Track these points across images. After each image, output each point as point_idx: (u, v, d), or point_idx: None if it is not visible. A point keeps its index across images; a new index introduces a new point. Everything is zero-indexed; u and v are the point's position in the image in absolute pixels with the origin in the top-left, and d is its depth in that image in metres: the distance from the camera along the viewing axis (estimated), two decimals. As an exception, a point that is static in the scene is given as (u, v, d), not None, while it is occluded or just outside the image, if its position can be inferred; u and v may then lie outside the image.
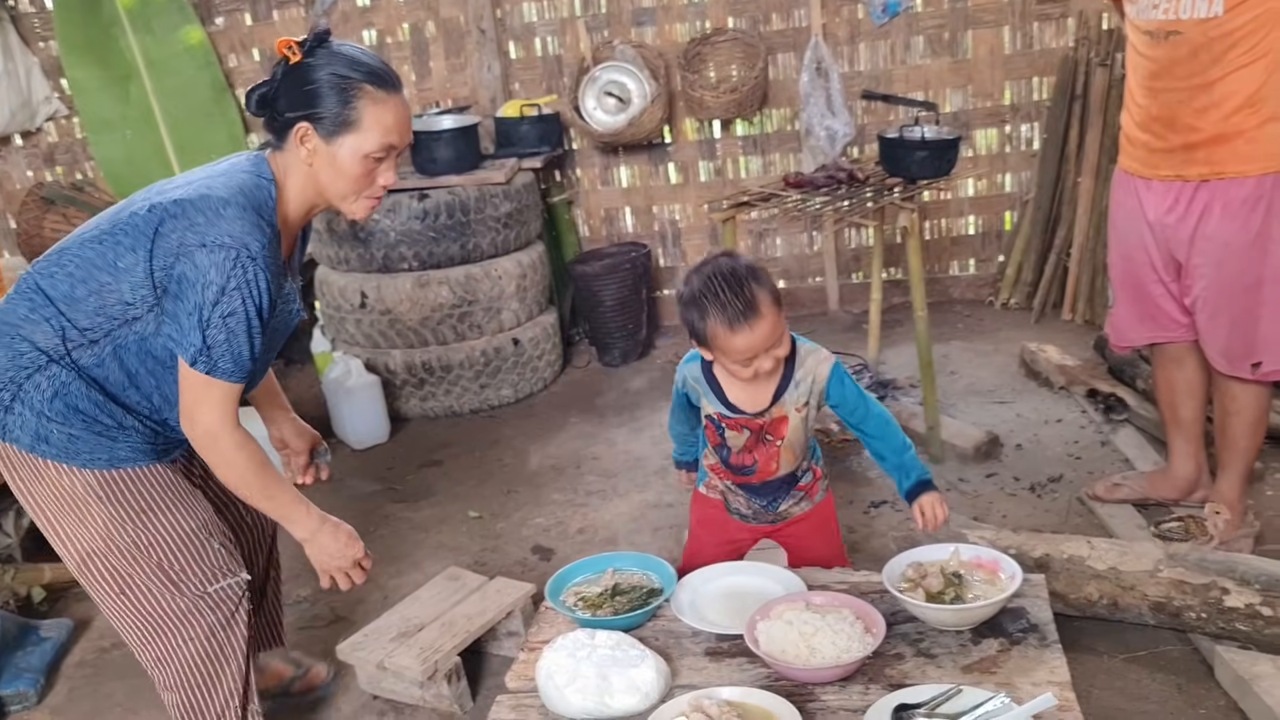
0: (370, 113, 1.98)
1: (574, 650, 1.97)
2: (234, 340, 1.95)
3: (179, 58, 5.10)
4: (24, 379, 2.01)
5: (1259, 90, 2.56)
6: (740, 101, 4.79)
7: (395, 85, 2.04)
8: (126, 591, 2.11)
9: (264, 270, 1.94)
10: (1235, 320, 2.77)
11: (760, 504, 2.44)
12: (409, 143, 2.10)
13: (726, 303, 2.08)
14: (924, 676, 1.95)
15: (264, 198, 2.01)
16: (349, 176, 2.02)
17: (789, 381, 2.26)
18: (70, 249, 2.04)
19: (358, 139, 1.99)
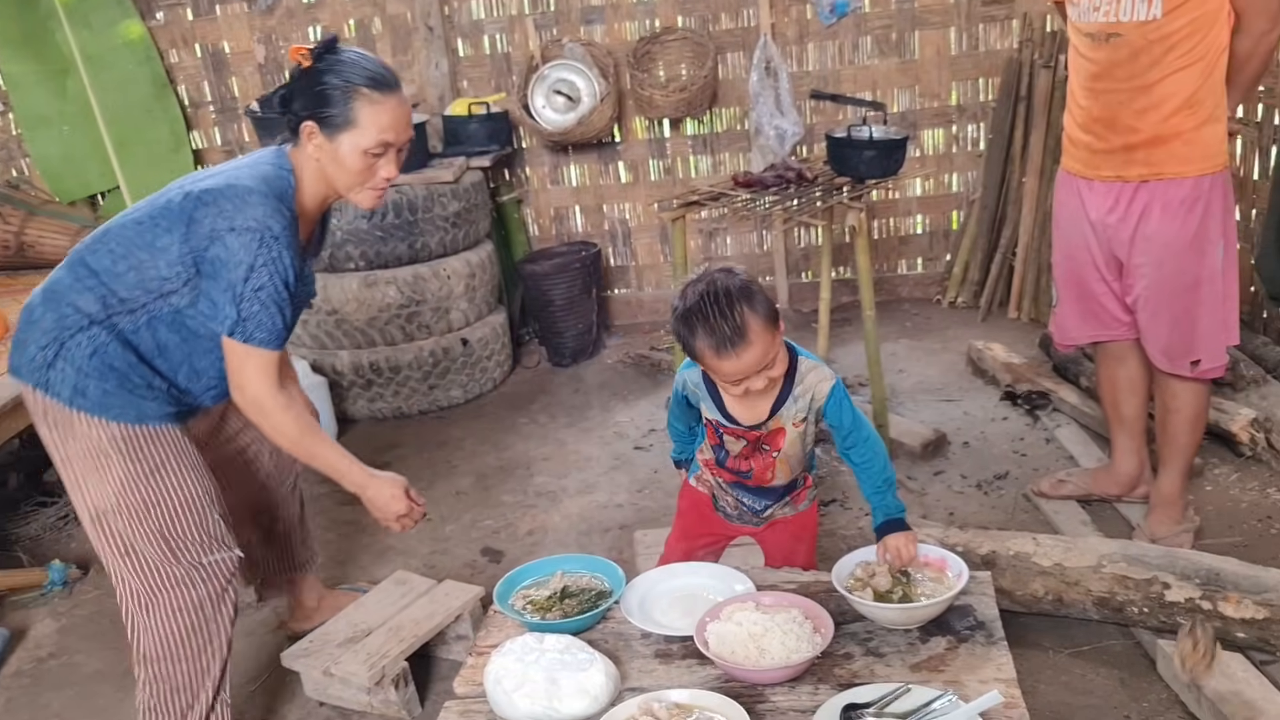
0: (366, 112, 2.17)
1: (522, 655, 1.95)
2: (266, 311, 2.16)
3: (118, 52, 4.99)
4: (67, 337, 2.21)
5: (1196, 92, 2.60)
6: (690, 101, 4.79)
7: (391, 87, 2.21)
8: (130, 554, 2.28)
9: (287, 249, 2.17)
10: (1175, 319, 2.82)
11: (750, 506, 2.42)
12: (407, 139, 2.26)
13: (714, 327, 2.04)
14: (873, 675, 1.96)
15: (284, 187, 2.22)
16: (350, 170, 2.22)
17: (787, 396, 2.23)
18: (113, 229, 2.26)
19: (356, 136, 2.18)
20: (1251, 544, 3.00)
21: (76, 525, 3.76)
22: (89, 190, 5.07)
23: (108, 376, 2.21)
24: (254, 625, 3.12)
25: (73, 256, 2.27)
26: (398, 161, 2.26)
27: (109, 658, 3.03)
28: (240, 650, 2.98)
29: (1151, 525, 3.01)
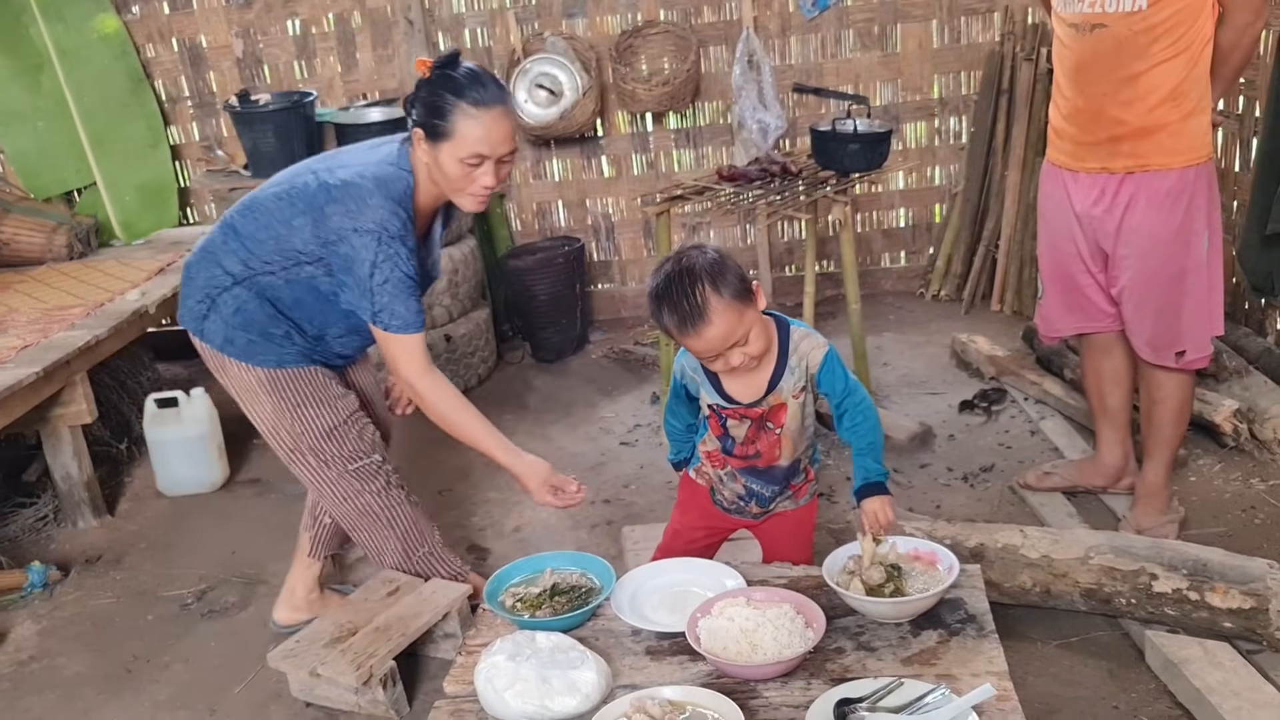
0: (462, 125, 2.33)
1: (513, 653, 1.94)
2: (396, 299, 2.41)
3: (93, 47, 4.93)
4: (216, 294, 2.58)
5: (1181, 84, 2.61)
6: (672, 94, 4.78)
7: (490, 103, 2.34)
8: (294, 461, 2.71)
9: (403, 244, 2.40)
10: (1160, 310, 2.83)
11: (758, 493, 2.39)
12: (505, 151, 2.40)
13: (675, 304, 2.09)
14: (865, 670, 1.95)
15: (402, 188, 2.44)
16: (450, 176, 2.40)
17: (784, 369, 2.24)
18: (259, 198, 2.57)
19: (453, 146, 2.35)
20: (1236, 534, 3.01)
21: (57, 526, 3.72)
22: (65, 186, 5.01)
23: (250, 329, 2.57)
24: (238, 626, 3.10)
25: (225, 218, 2.62)
26: (498, 172, 2.40)
27: (90, 660, 3.00)
28: (224, 651, 2.97)
29: (1137, 516, 3.02)
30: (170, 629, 3.10)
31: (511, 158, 2.42)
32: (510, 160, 2.43)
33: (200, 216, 5.33)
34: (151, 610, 3.21)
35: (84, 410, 3.59)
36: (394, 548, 2.82)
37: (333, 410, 2.66)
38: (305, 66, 5.09)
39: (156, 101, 5.11)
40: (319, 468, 2.69)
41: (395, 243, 2.40)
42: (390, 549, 2.82)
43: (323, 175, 2.48)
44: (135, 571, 3.44)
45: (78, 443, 3.65)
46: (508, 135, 2.38)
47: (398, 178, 2.44)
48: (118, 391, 4.17)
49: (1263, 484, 3.24)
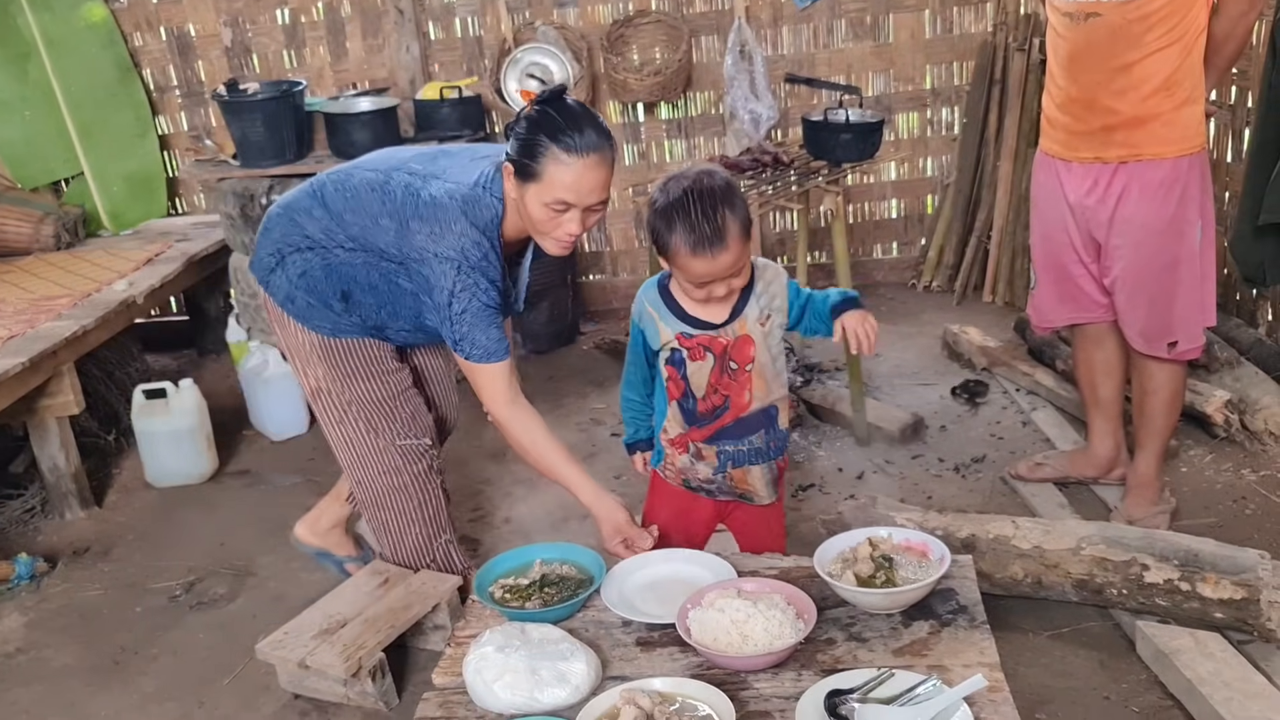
0: (550, 170, 2.22)
1: (502, 644, 1.92)
2: (475, 329, 2.36)
3: (80, 36, 4.89)
4: (288, 252, 2.54)
5: (1175, 73, 2.60)
6: (664, 84, 4.75)
7: (585, 150, 2.21)
8: (341, 424, 2.68)
9: (483, 274, 2.34)
10: (1153, 300, 2.82)
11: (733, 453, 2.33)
12: (595, 201, 2.28)
13: (695, 224, 2.05)
14: (856, 661, 1.94)
15: (490, 217, 2.36)
16: (534, 219, 2.30)
17: (750, 294, 2.23)
18: (354, 177, 2.51)
19: (539, 189, 2.25)
20: (1227, 524, 3.01)
21: (45, 518, 3.70)
22: (52, 176, 4.96)
23: (312, 294, 2.54)
24: (226, 618, 3.08)
25: (317, 181, 2.56)
26: (584, 220, 2.29)
27: (78, 652, 2.98)
28: (212, 644, 2.96)
29: (1128, 507, 3.02)
30: (158, 621, 3.08)
31: (602, 207, 2.31)
32: (600, 209, 2.31)
33: (189, 206, 5.31)
34: (140, 602, 3.19)
35: (71, 401, 3.57)
36: (416, 533, 2.81)
37: (384, 384, 2.65)
38: (294, 56, 5.05)
39: (144, 91, 5.07)
40: (367, 435, 2.67)
41: (475, 273, 2.33)
42: (411, 534, 2.81)
43: (415, 184, 2.41)
44: (123, 563, 3.42)
45: (65, 434, 3.63)
46: (600, 185, 2.26)
47: (487, 205, 2.36)
48: (105, 382, 4.14)
49: (1254, 475, 3.24)
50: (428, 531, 2.82)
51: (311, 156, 4.42)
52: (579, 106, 2.29)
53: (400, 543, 2.83)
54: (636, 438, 2.51)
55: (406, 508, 2.77)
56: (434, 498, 2.81)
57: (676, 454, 2.40)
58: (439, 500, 2.83)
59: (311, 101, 4.55)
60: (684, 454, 2.39)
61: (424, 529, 2.82)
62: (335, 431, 2.71)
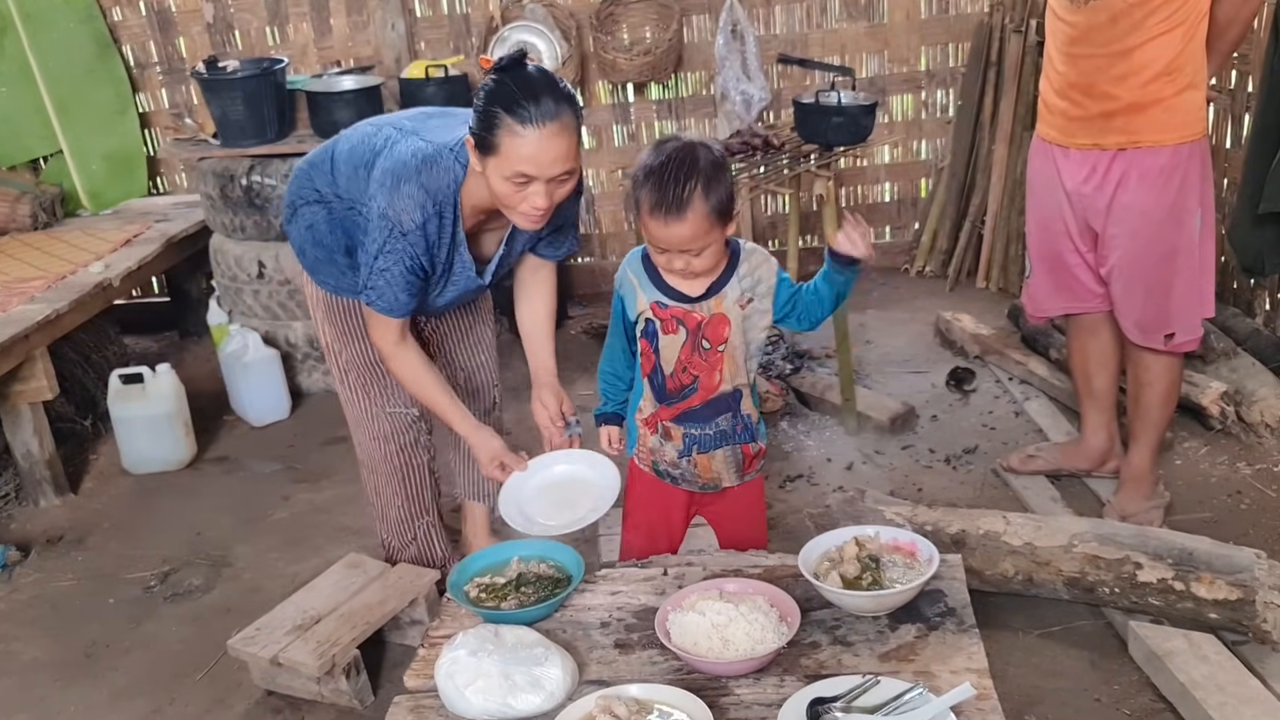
0: (507, 142, 2.13)
1: (475, 648, 1.86)
2: (389, 289, 2.34)
3: (58, 10, 4.78)
4: (299, 204, 2.56)
5: (1176, 58, 2.52)
6: (654, 64, 4.66)
7: (541, 120, 2.10)
8: (343, 382, 2.73)
9: (413, 244, 2.30)
10: (1150, 291, 2.76)
11: (697, 436, 2.27)
12: (558, 173, 2.17)
13: (661, 185, 2.02)
14: (840, 666, 1.88)
15: (447, 181, 2.30)
16: (498, 192, 2.22)
17: (731, 274, 2.17)
18: (359, 129, 2.50)
19: (498, 162, 2.16)
20: (1222, 519, 2.96)
21: (18, 505, 3.63)
22: (30, 154, 4.87)
23: (319, 247, 2.54)
24: (201, 610, 3.02)
25: (337, 136, 2.57)
26: (551, 193, 2.19)
27: (48, 645, 2.92)
28: (185, 637, 2.90)
29: (1122, 501, 2.96)
30: (132, 613, 3.02)
31: (569, 177, 2.21)
32: (568, 179, 2.21)
33: (170, 186, 5.22)
34: (113, 593, 3.12)
35: (44, 386, 3.49)
36: (399, 506, 2.82)
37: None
38: (278, 32, 4.95)
39: (124, 67, 4.97)
40: (361, 399, 2.71)
41: (404, 240, 2.29)
42: (395, 506, 2.82)
43: (394, 139, 2.37)
44: (98, 552, 3.35)
45: (38, 419, 3.55)
46: (561, 155, 2.15)
47: (447, 168, 2.30)
48: (82, 366, 4.06)
49: (1249, 468, 3.19)
50: (411, 509, 2.83)
51: (293, 136, 4.33)
52: (537, 73, 2.18)
53: (385, 513, 2.85)
54: (604, 410, 2.43)
55: (393, 479, 2.79)
56: (417, 474, 2.81)
57: (648, 434, 2.33)
58: (423, 478, 2.83)
59: (293, 80, 4.45)
60: (654, 434, 2.32)
61: (407, 505, 2.82)
62: (339, 391, 2.77)
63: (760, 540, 2.45)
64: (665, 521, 2.41)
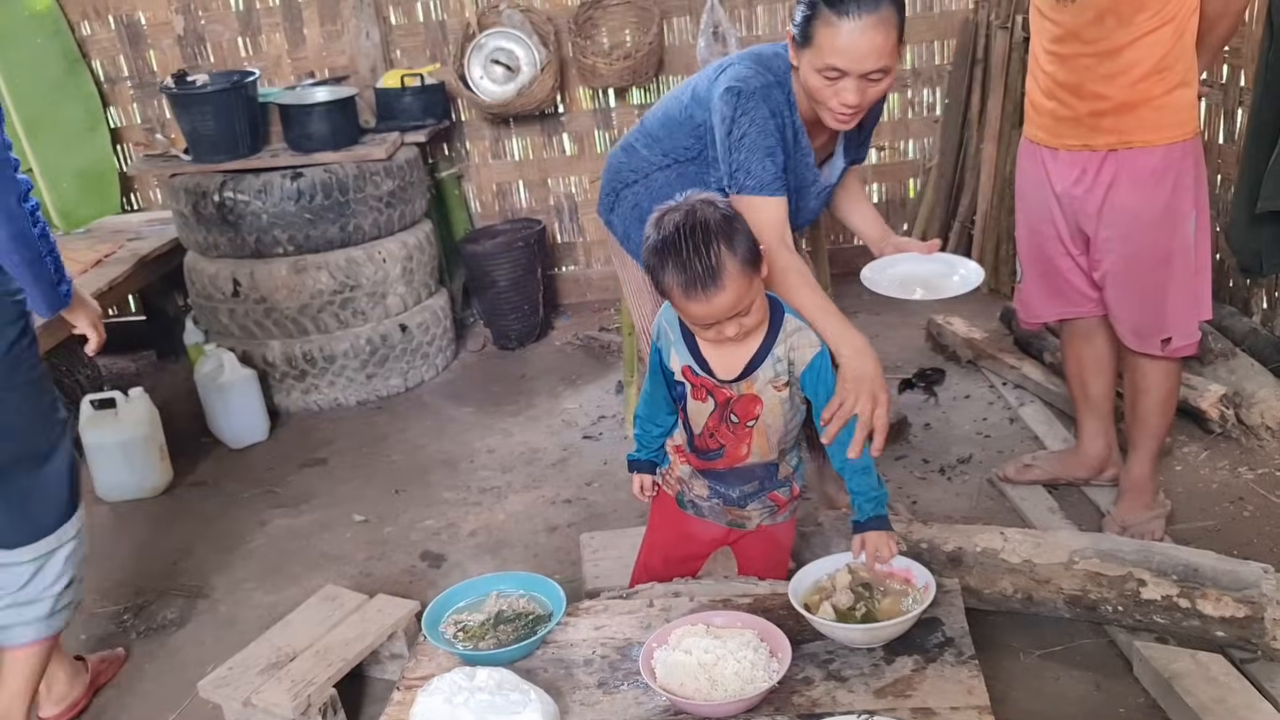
0: (821, 33, 2.13)
1: (450, 695, 1.77)
2: (752, 157, 2.24)
3: (24, 25, 4.66)
4: (620, 188, 2.63)
5: (1166, 56, 2.44)
6: (635, 69, 4.57)
7: (854, 12, 2.09)
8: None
9: (764, 101, 2.25)
10: (1145, 295, 2.68)
11: (724, 493, 2.18)
12: (873, 69, 2.14)
13: (686, 264, 1.86)
14: (834, 704, 1.81)
15: (781, 66, 2.31)
16: (809, 86, 2.22)
17: (767, 353, 2.02)
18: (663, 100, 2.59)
19: (811, 55, 2.17)
20: (1224, 528, 2.88)
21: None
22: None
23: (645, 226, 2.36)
24: (175, 645, 2.92)
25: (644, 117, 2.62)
26: (862, 91, 2.17)
27: (17, 686, 2.81)
28: (159, 673, 2.81)
29: (1122, 512, 2.88)
30: (103, 649, 2.91)
31: (882, 75, 2.16)
32: (881, 79, 2.17)
33: (145, 202, 5.12)
34: (85, 628, 3.02)
35: (11, 415, 3.37)
36: None
37: None
38: (250, 44, 4.85)
39: (94, 82, 4.86)
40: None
41: (753, 99, 2.25)
42: None
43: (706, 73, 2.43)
44: (70, 585, 3.24)
45: (7, 450, 3.44)
46: (874, 50, 2.11)
47: (779, 56, 2.32)
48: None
49: (1251, 473, 3.11)
50: None
51: (267, 150, 4.23)
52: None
53: None
54: (639, 456, 2.28)
55: None
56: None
57: (678, 461, 2.24)
58: None
59: (266, 92, 4.36)
60: (685, 463, 2.23)
61: None
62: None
63: (780, 576, 2.34)
64: (688, 546, 2.31)
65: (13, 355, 2.09)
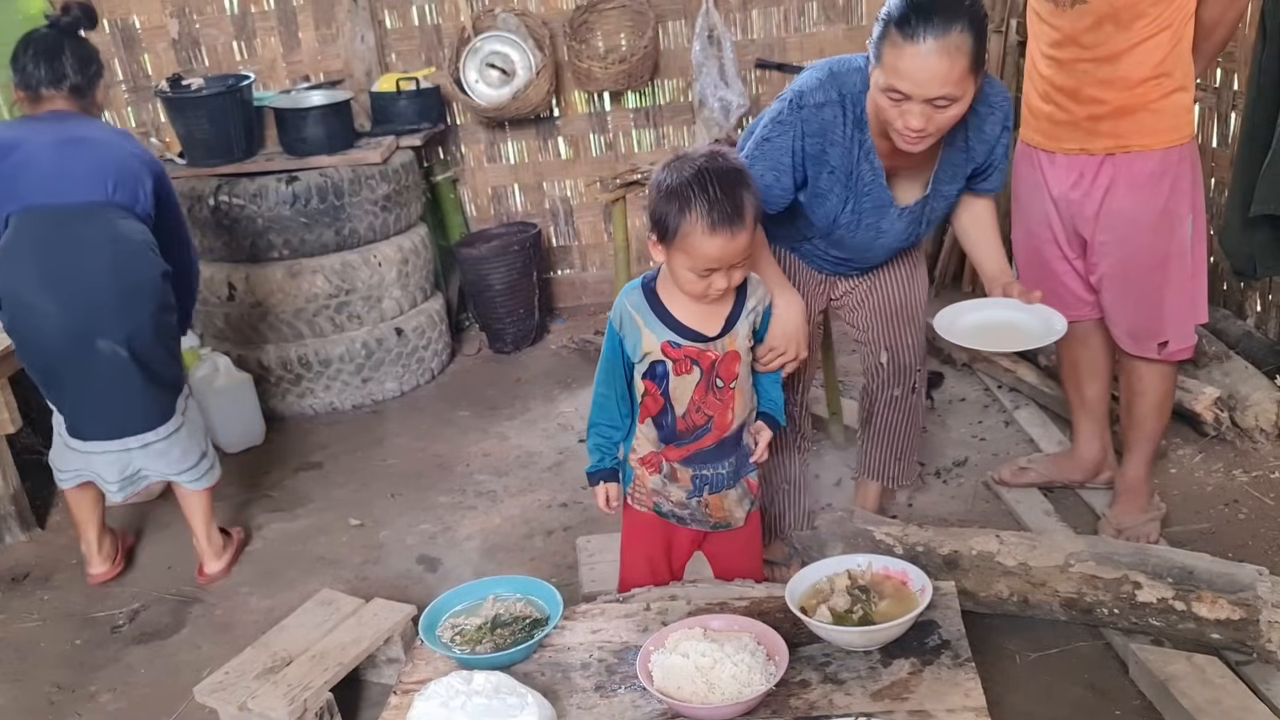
0: (887, 53, 2.07)
1: (447, 699, 1.77)
2: (757, 164, 2.26)
3: (17, 28, 4.51)
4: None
5: (1163, 61, 2.44)
6: (630, 72, 4.57)
7: (920, 35, 2.02)
8: None
9: (806, 121, 2.23)
10: (1141, 299, 2.68)
11: (710, 477, 2.17)
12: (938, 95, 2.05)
13: (715, 201, 1.90)
14: (832, 707, 1.81)
15: (855, 80, 2.24)
16: (876, 103, 2.16)
17: (741, 308, 2.10)
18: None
19: (879, 73, 2.12)
20: (1219, 530, 2.89)
21: (-18, 541, 3.51)
22: (-7, 178, 4.74)
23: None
24: (170, 651, 2.91)
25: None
26: (926, 116, 2.08)
27: (10, 691, 2.80)
28: (155, 678, 2.80)
29: (1117, 514, 2.89)
30: (98, 655, 2.91)
31: (950, 103, 2.07)
32: (948, 105, 2.08)
33: (139, 206, 5.09)
34: (80, 634, 3.01)
35: (6, 420, 3.38)
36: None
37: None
38: (245, 47, 4.84)
39: (89, 85, 4.84)
40: None
41: (799, 114, 2.24)
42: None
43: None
44: (65, 591, 3.24)
45: (1, 453, 3.44)
46: (938, 78, 2.03)
47: (857, 70, 2.25)
48: (48, 396, 3.94)
49: (1245, 475, 3.12)
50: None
51: (262, 154, 4.23)
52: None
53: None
54: (601, 466, 2.23)
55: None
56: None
57: (647, 474, 2.21)
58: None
59: (261, 96, 4.35)
60: (656, 474, 2.21)
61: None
62: None
63: (756, 573, 2.36)
64: (666, 560, 2.31)
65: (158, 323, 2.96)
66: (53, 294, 2.80)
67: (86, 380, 2.88)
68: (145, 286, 2.88)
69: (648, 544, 2.30)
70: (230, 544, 3.28)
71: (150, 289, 2.89)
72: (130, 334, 2.85)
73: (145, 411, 2.96)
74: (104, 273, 2.81)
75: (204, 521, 3.16)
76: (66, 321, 2.80)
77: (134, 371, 2.88)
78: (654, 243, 2.01)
